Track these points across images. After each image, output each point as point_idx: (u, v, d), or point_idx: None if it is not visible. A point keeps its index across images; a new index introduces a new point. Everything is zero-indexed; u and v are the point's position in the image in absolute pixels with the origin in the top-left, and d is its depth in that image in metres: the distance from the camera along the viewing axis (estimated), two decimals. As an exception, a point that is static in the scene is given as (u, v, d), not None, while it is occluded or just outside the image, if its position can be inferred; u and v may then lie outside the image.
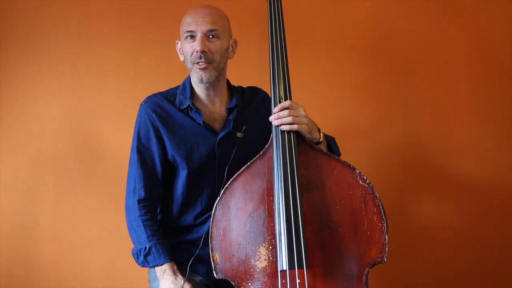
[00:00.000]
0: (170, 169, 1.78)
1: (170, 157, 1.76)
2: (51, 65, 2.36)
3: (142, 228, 1.71)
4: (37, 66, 2.35)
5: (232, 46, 1.80)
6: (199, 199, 1.77)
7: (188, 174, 1.75)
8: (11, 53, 2.35)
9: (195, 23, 1.70)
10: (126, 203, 1.77)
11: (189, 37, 1.72)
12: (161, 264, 1.70)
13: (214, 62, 1.71)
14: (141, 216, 1.72)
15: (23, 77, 2.35)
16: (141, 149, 1.76)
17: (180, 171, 1.77)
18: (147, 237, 1.70)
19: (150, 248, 1.70)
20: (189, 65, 1.74)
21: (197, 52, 1.68)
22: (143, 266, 1.75)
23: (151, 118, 1.76)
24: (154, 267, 1.72)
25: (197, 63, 1.70)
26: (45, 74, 2.35)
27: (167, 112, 1.77)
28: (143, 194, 1.73)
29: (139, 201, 1.73)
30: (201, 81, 1.73)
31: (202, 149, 1.75)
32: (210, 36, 1.70)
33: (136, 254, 1.74)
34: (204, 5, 1.76)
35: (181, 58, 1.79)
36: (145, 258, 1.71)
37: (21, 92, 2.34)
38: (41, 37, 2.36)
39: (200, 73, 1.71)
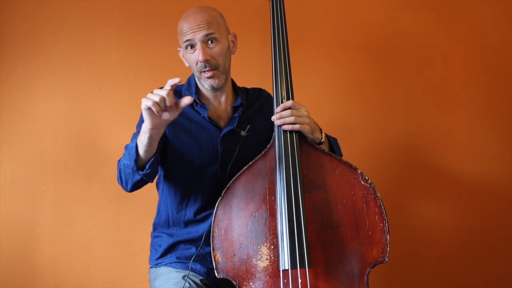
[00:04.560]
0: (171, 160, 1.76)
1: (170, 149, 1.74)
2: (51, 65, 2.36)
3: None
4: (38, 66, 2.35)
5: (232, 41, 1.78)
6: (200, 194, 1.75)
7: (190, 167, 1.74)
8: (12, 54, 2.35)
9: (190, 31, 1.67)
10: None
11: (189, 47, 1.70)
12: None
13: (219, 66, 1.71)
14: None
15: (23, 78, 2.35)
16: None
17: (182, 163, 1.75)
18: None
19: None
20: (196, 74, 1.74)
21: (200, 61, 1.68)
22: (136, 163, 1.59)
23: None
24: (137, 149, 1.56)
25: (203, 71, 1.70)
26: (45, 75, 2.35)
27: None
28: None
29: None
30: (211, 87, 1.72)
31: (205, 143, 1.74)
32: (209, 42, 1.68)
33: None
34: (194, 10, 1.71)
35: (187, 64, 1.78)
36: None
37: (21, 93, 2.34)
38: (41, 38, 2.36)
39: (209, 81, 1.71)
